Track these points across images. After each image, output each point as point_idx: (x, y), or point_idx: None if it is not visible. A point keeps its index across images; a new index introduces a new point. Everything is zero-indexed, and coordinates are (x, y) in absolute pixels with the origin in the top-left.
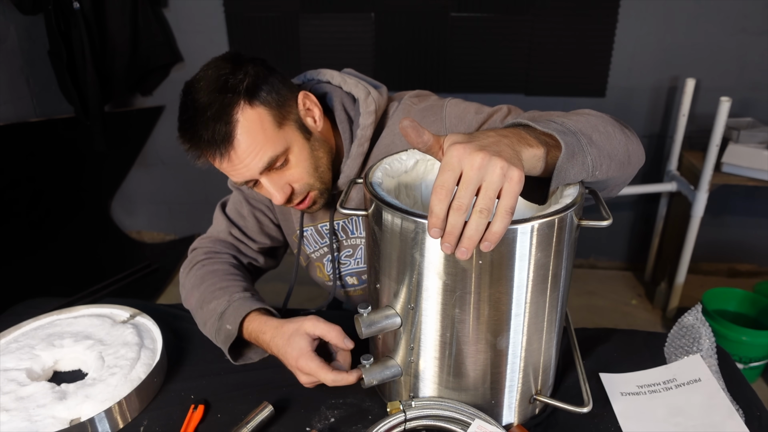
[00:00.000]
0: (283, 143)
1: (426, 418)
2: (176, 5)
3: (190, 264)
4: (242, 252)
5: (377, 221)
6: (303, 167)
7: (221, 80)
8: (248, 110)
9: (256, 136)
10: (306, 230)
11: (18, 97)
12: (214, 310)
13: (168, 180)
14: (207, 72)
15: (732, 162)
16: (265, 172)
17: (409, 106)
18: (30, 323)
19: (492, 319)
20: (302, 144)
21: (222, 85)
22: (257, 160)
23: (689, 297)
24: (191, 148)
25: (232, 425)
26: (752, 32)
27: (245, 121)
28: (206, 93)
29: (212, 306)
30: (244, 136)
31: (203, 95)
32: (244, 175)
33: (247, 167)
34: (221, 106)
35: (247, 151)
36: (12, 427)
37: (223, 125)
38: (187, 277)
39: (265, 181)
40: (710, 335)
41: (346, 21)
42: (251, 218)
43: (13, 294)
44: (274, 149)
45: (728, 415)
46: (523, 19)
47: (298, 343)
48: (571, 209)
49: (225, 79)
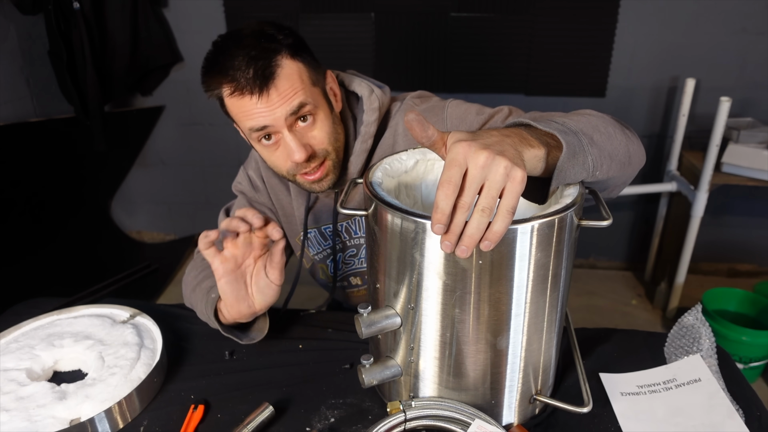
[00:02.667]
0: (315, 99)
1: (426, 418)
2: (176, 5)
3: (194, 263)
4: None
5: (377, 221)
6: (326, 132)
7: (266, 33)
8: (290, 60)
9: (294, 82)
10: (310, 232)
11: (18, 97)
12: (204, 288)
13: (168, 180)
14: (250, 26)
15: (732, 162)
16: (289, 121)
17: (411, 107)
18: (30, 323)
19: (492, 319)
20: (327, 111)
21: (268, 36)
22: (288, 103)
23: (689, 297)
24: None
25: (233, 425)
26: (752, 32)
27: (287, 68)
28: (250, 38)
29: (204, 285)
30: (285, 79)
31: (248, 39)
32: (270, 118)
33: (279, 108)
34: (266, 50)
35: (284, 92)
36: (12, 427)
37: (268, 64)
38: (190, 274)
39: (288, 136)
40: (710, 335)
41: (346, 21)
42: None
43: (14, 294)
44: (306, 97)
45: (728, 415)
46: (523, 19)
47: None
48: (571, 209)
49: (270, 33)
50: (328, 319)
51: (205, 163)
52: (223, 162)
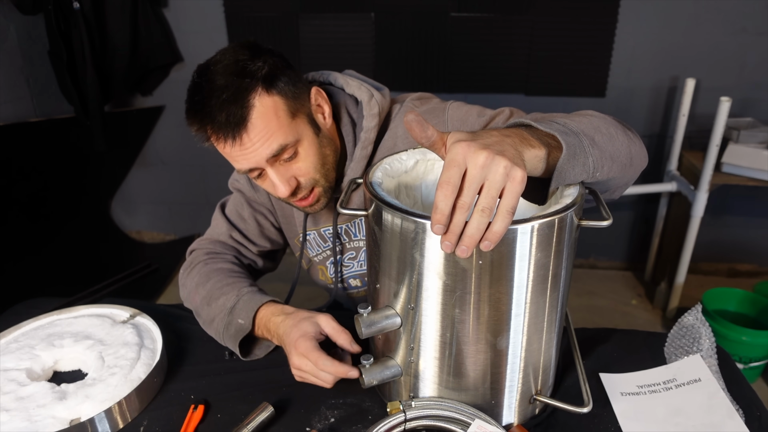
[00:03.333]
0: (295, 134)
1: (426, 418)
2: (176, 5)
3: (191, 265)
4: (242, 254)
5: (377, 221)
6: (311, 161)
7: (239, 65)
8: (265, 97)
9: (269, 123)
10: (309, 234)
11: (18, 97)
12: (223, 306)
13: (168, 180)
14: (224, 56)
15: (732, 162)
16: (271, 161)
17: (411, 109)
18: (30, 323)
19: (492, 320)
20: (312, 138)
21: (240, 69)
22: (266, 146)
23: (689, 297)
24: (200, 129)
25: (232, 425)
26: (752, 32)
27: (261, 107)
28: (223, 76)
29: (221, 302)
30: (259, 121)
31: (220, 78)
32: (251, 161)
33: (256, 152)
34: (238, 89)
35: (258, 136)
36: (12, 427)
37: (239, 108)
38: (189, 276)
39: (271, 172)
40: (710, 335)
41: (347, 21)
42: (252, 221)
43: (14, 294)
44: (285, 138)
45: (728, 415)
46: (523, 20)
47: (305, 326)
48: (571, 209)
49: (243, 65)
50: None
51: (205, 164)
52: (223, 162)
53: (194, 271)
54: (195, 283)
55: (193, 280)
